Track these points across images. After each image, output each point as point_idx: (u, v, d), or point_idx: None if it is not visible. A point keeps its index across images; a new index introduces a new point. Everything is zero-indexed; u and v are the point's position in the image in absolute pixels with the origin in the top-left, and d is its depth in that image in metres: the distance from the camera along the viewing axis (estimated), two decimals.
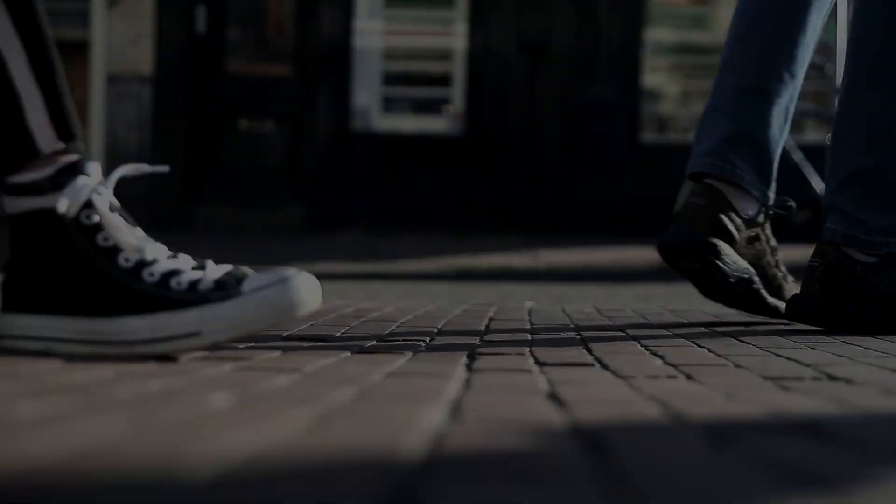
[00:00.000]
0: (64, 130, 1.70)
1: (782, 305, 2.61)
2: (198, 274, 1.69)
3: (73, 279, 1.67)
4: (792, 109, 2.63)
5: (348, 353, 1.84)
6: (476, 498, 0.80)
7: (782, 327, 2.55)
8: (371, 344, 2.03)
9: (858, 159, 2.44)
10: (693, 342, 2.13)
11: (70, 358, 1.67)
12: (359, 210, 10.52)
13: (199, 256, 1.78)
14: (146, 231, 1.75)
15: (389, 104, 10.97)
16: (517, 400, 1.33)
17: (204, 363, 1.62)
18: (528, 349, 1.97)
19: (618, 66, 10.59)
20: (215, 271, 1.70)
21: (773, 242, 2.71)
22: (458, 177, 10.55)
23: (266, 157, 10.74)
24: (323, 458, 0.93)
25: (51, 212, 1.68)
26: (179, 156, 10.43)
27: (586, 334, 2.30)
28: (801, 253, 7.94)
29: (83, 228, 1.68)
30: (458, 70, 10.84)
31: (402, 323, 2.50)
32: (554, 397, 1.35)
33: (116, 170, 1.73)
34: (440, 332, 2.28)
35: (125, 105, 10.54)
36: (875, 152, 2.43)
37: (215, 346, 1.73)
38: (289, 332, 2.22)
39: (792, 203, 2.64)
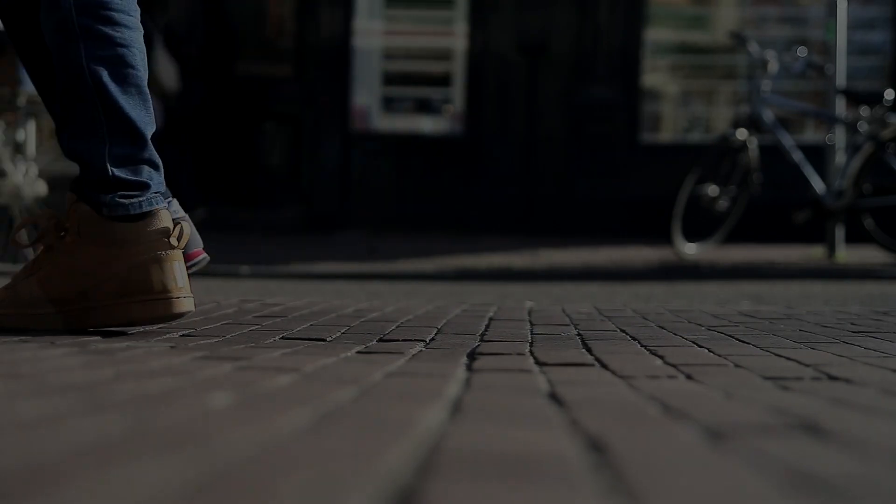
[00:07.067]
0: None
1: None
2: None
3: None
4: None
5: (348, 353, 1.84)
6: (476, 498, 0.80)
7: (782, 327, 2.55)
8: (371, 344, 2.03)
9: None
10: (693, 342, 2.13)
11: (70, 357, 1.67)
12: (359, 210, 10.52)
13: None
14: None
15: (389, 104, 10.97)
16: (517, 400, 1.33)
17: (204, 363, 1.62)
18: (528, 349, 1.97)
19: (618, 66, 10.59)
20: None
21: None
22: (458, 177, 10.55)
23: (266, 157, 10.75)
24: (323, 458, 0.93)
25: None
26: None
27: (586, 334, 2.30)
28: (802, 252, 7.92)
29: None
30: (458, 70, 10.84)
31: (402, 323, 2.50)
32: (554, 397, 1.35)
33: None
34: (440, 332, 2.28)
35: None
36: None
37: (216, 347, 1.73)
38: (289, 333, 2.22)
39: None
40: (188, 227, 2.24)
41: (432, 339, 2.15)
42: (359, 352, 1.88)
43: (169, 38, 8.52)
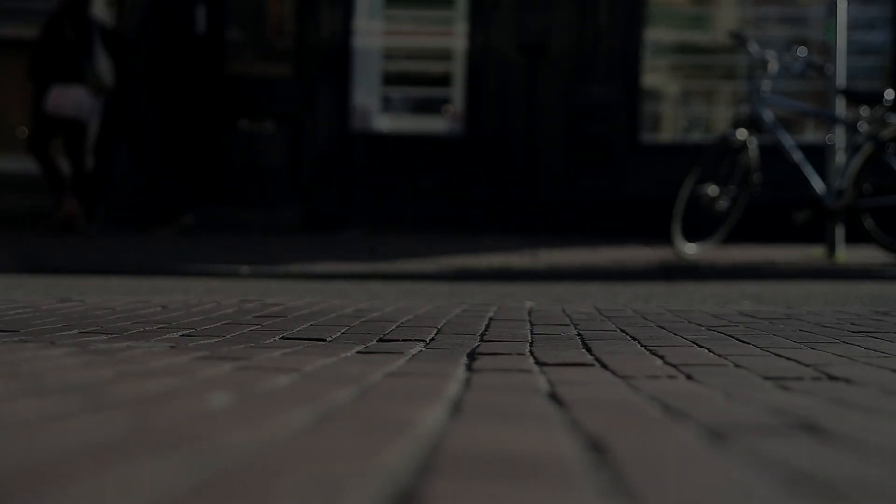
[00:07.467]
0: None
1: None
2: None
3: None
4: None
5: (348, 353, 1.84)
6: (476, 498, 0.80)
7: (782, 327, 2.55)
8: (371, 344, 2.03)
9: None
10: (693, 342, 2.13)
11: (70, 357, 1.67)
12: (359, 210, 10.52)
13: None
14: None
15: (389, 104, 10.96)
16: (517, 400, 1.33)
17: (204, 363, 1.62)
18: (528, 349, 1.97)
19: (618, 66, 10.59)
20: None
21: None
22: (458, 177, 10.55)
23: (266, 157, 10.74)
24: (323, 458, 0.93)
25: None
26: (179, 156, 10.42)
27: (586, 334, 2.30)
28: (802, 252, 7.93)
29: None
30: (458, 70, 10.83)
31: (402, 323, 2.50)
32: (554, 397, 1.35)
33: None
34: (440, 332, 2.28)
35: None
36: None
37: (216, 347, 1.73)
38: (289, 333, 2.22)
39: None
40: None
41: (432, 339, 2.15)
42: (359, 352, 1.88)
43: (107, 38, 8.59)
